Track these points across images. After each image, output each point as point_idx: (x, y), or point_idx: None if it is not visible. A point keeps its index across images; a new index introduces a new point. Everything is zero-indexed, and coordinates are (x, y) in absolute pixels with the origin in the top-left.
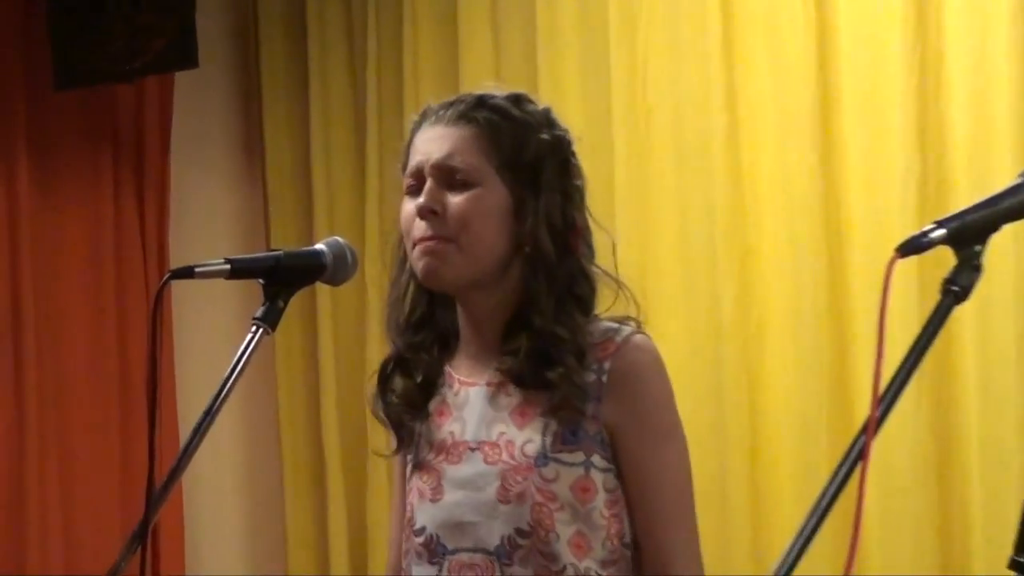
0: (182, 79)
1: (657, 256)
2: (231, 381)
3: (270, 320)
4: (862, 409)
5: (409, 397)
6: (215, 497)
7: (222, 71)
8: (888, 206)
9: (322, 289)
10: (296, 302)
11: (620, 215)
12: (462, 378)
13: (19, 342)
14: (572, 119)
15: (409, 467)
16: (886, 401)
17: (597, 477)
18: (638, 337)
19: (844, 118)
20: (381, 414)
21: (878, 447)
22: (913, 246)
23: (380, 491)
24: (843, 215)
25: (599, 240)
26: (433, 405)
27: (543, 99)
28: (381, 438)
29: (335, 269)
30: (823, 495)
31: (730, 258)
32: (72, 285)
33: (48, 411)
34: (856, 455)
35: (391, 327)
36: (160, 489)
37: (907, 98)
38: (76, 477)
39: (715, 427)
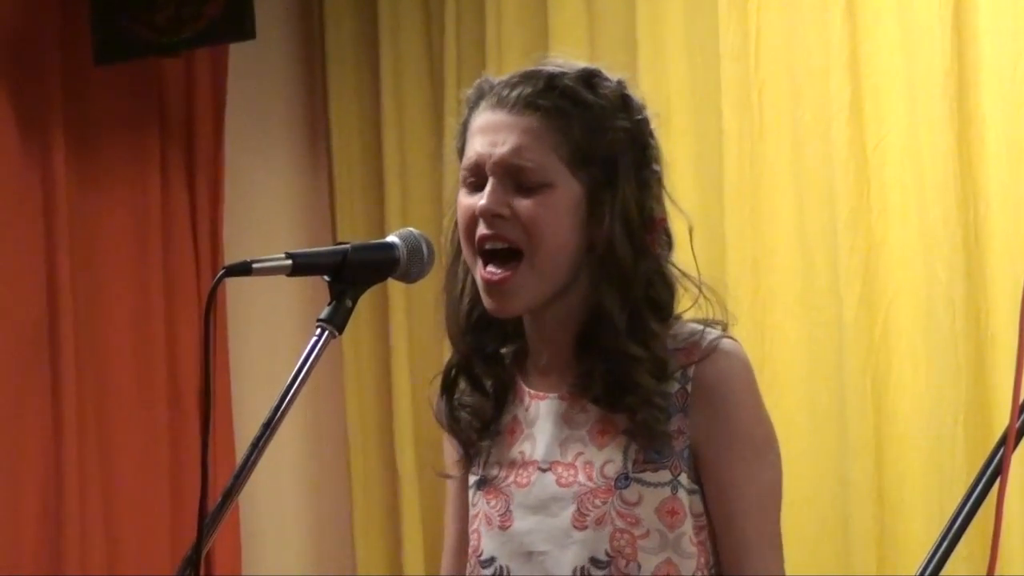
0: (237, 51)
1: (772, 250)
2: (293, 390)
3: (337, 321)
4: (1003, 418)
5: (482, 414)
6: (276, 520)
7: (282, 42)
8: None
9: (395, 286)
10: (366, 301)
11: (729, 204)
12: (532, 391)
13: (56, 346)
14: (676, 95)
15: (472, 488)
16: None
17: (684, 498)
18: (726, 342)
19: (983, 92)
20: (449, 428)
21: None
22: None
23: None
24: (982, 202)
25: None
26: (504, 422)
27: (643, 73)
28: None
29: (409, 264)
30: (957, 514)
31: (853, 251)
32: (115, 282)
33: (88, 424)
34: (994, 469)
35: (451, 328)
36: (214, 511)
37: None
38: (120, 497)
39: (837, 439)
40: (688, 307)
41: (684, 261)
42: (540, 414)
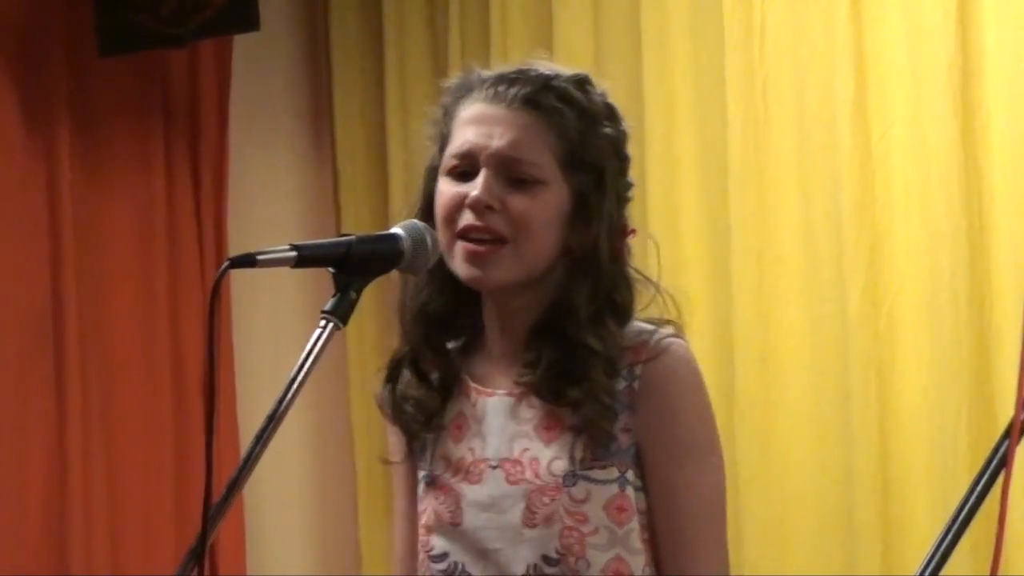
0: (241, 43)
1: (776, 241)
2: (298, 382)
3: (341, 313)
4: (1007, 410)
5: (425, 407)
6: (280, 511)
7: (286, 34)
8: None
9: (399, 278)
10: (370, 293)
11: (734, 195)
12: (479, 387)
13: (60, 337)
14: (680, 87)
15: (421, 484)
16: None
17: (632, 495)
18: (674, 343)
19: (987, 83)
20: (392, 418)
21: None
22: None
23: None
24: (986, 194)
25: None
26: (449, 417)
27: (647, 64)
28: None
29: (414, 256)
30: (962, 506)
31: (858, 243)
32: (119, 273)
33: (92, 415)
34: (999, 462)
35: (404, 317)
36: (218, 504)
37: None
38: (124, 489)
39: (841, 431)
40: (644, 306)
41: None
42: (488, 411)
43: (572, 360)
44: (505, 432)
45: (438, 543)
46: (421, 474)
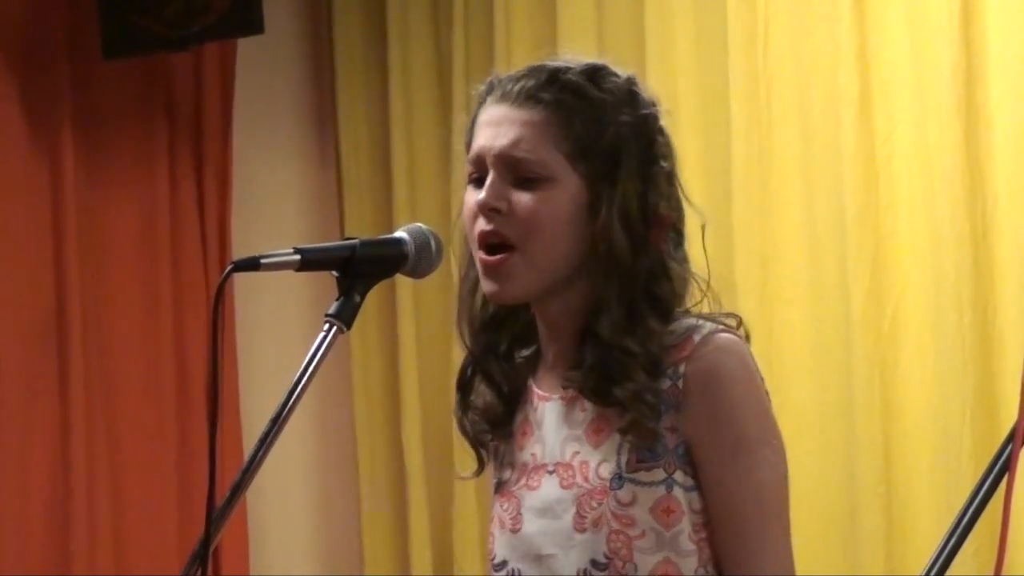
0: (246, 46)
1: (780, 243)
2: (301, 385)
3: (345, 317)
4: (1010, 413)
5: (492, 414)
6: (284, 515)
7: (290, 37)
8: None
9: (403, 282)
10: (374, 297)
11: (738, 197)
12: (540, 392)
13: (64, 340)
14: (684, 89)
15: (493, 491)
16: None
17: (681, 496)
18: (720, 336)
19: (991, 85)
20: (460, 428)
21: None
22: None
23: (467, 510)
24: (989, 196)
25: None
26: (517, 423)
27: (651, 67)
28: (468, 452)
29: (417, 259)
30: (965, 510)
31: (862, 245)
32: (123, 276)
33: (96, 419)
34: (1002, 466)
35: (463, 327)
36: (222, 506)
37: None
38: (128, 491)
39: (844, 433)
40: (695, 302)
41: (694, 257)
42: (545, 415)
43: (612, 361)
44: (559, 436)
45: (499, 551)
46: (494, 481)
